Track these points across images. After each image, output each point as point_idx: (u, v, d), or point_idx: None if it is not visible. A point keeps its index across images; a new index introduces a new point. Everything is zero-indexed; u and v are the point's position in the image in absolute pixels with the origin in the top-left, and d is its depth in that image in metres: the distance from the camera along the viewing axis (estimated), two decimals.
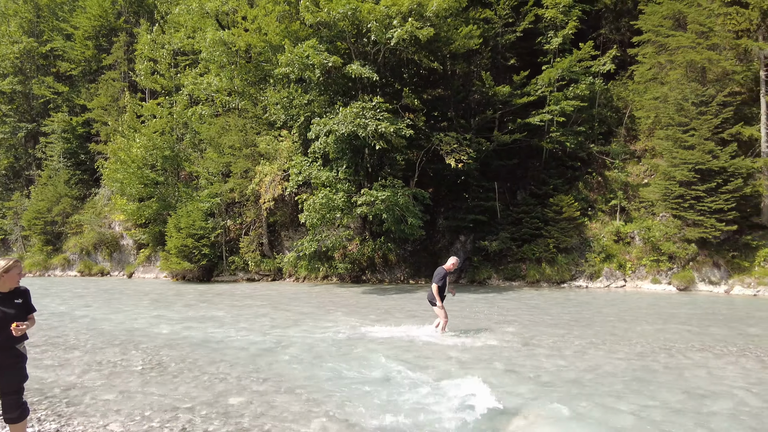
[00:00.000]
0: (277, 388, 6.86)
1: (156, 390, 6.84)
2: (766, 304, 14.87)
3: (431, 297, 10.24)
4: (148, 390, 6.84)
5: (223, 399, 6.44)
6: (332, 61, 19.54)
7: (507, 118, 23.71)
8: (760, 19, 18.47)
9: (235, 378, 7.42)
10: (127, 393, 6.72)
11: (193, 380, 7.31)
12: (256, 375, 7.57)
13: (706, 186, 17.72)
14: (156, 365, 8.20)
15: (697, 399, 6.17)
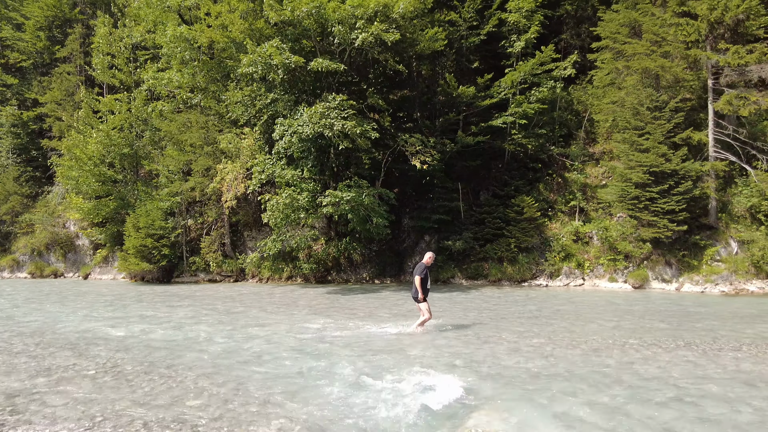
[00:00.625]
0: (237, 390, 6.76)
1: (110, 395, 6.62)
2: (712, 301, 15.60)
3: (415, 293, 10.30)
4: (101, 395, 6.61)
5: (180, 402, 6.30)
6: (294, 62, 19.29)
7: (471, 119, 24.05)
8: (707, 31, 19.36)
9: (192, 380, 7.26)
10: (78, 399, 6.48)
11: (149, 384, 7.12)
12: (216, 377, 7.43)
13: (660, 188, 18.45)
14: (110, 369, 7.94)
15: (645, 391, 6.41)
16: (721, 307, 14.16)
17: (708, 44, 19.59)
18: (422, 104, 24.79)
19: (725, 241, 18.90)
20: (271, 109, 22.48)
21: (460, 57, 25.23)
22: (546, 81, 23.48)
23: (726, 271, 18.06)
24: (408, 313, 13.69)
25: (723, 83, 19.30)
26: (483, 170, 24.78)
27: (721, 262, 18.48)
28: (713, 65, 19.44)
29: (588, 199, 22.61)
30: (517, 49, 23.82)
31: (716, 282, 17.91)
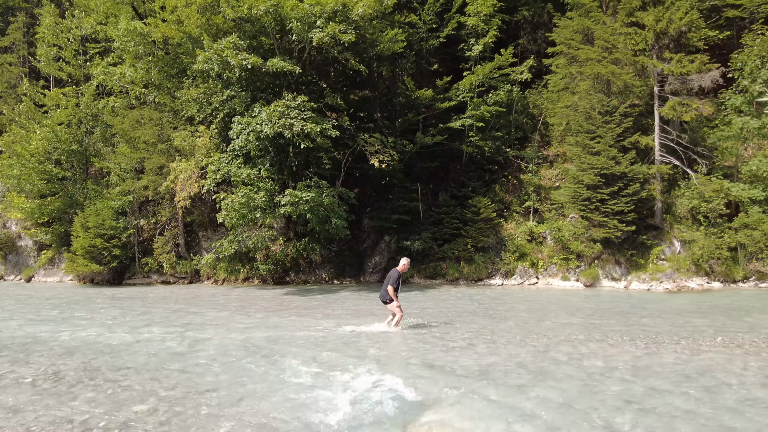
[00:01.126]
0: (187, 393, 6.58)
1: (49, 402, 6.32)
2: (657, 298, 16.33)
3: (384, 296, 10.57)
4: (41, 403, 6.30)
5: (126, 408, 6.08)
6: (251, 62, 18.94)
7: (430, 121, 24.33)
8: (654, 40, 20.29)
9: (140, 385, 7.03)
10: (14, 408, 6.15)
11: (94, 389, 6.83)
12: (165, 380, 7.22)
13: (610, 190, 19.17)
14: (51, 375, 7.57)
15: (592, 385, 6.65)
16: (664, 303, 14.83)
17: (654, 53, 20.53)
18: (382, 105, 24.89)
19: (669, 240, 19.83)
20: (227, 107, 22.04)
21: (419, 59, 25.48)
22: (503, 85, 24.01)
23: (670, 269, 18.94)
24: (366, 312, 13.69)
25: (668, 90, 20.26)
26: (442, 171, 25.10)
27: (665, 261, 19.38)
28: (659, 73, 20.38)
29: (542, 200, 23.25)
30: (475, 52, 24.24)
31: (661, 280, 18.76)
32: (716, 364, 7.57)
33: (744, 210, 18.88)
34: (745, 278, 18.46)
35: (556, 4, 26.41)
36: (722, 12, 24.74)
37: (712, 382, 6.68)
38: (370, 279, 23.61)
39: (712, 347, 8.74)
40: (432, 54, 25.75)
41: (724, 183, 19.17)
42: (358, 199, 23.09)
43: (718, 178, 19.65)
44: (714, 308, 13.54)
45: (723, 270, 18.49)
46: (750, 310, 12.99)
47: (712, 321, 11.50)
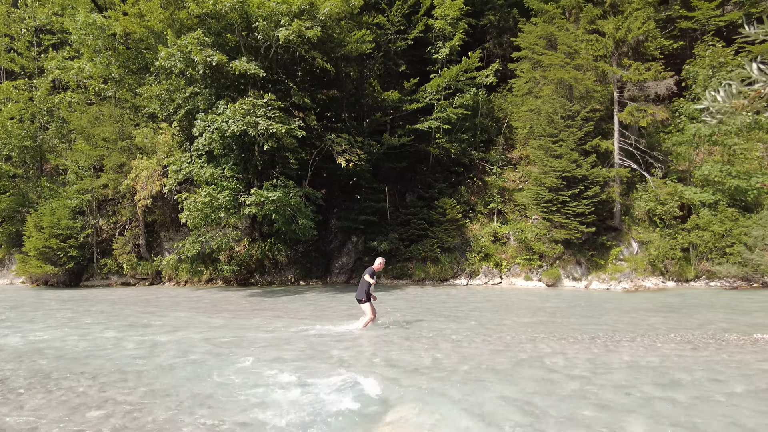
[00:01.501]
0: (145, 398, 6.40)
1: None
2: (615, 297, 16.86)
3: (359, 296, 10.72)
4: None
5: (80, 414, 5.86)
6: (216, 60, 18.57)
7: (398, 122, 24.44)
8: (614, 48, 20.97)
9: (96, 390, 6.79)
10: None
11: (45, 396, 6.56)
12: (123, 385, 7.00)
13: (571, 192, 19.69)
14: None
15: (553, 383, 6.80)
16: (622, 302, 15.33)
17: (614, 60, 21.21)
18: (350, 105, 24.85)
19: (628, 241, 20.51)
20: (190, 104, 21.55)
21: (387, 60, 25.57)
22: (469, 88, 24.34)
23: (628, 269, 19.60)
24: (333, 313, 13.64)
25: (626, 96, 20.96)
26: (409, 172, 25.25)
27: (624, 261, 20.03)
28: (618, 79, 21.07)
29: (506, 202, 23.68)
30: (442, 55, 24.49)
31: (620, 279, 19.38)
32: (669, 360, 7.87)
33: (696, 212, 19.71)
34: (696, 277, 19.26)
35: (521, 9, 26.97)
36: (676, 23, 25.80)
37: (665, 378, 6.94)
38: (337, 280, 23.51)
39: (666, 344, 9.08)
40: (400, 56, 25.88)
41: (678, 186, 19.97)
42: (325, 199, 22.97)
43: (672, 182, 20.45)
44: (668, 306, 14.08)
45: (676, 270, 19.25)
46: (700, 308, 13.56)
47: (666, 319, 11.95)
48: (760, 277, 18.22)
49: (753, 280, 18.23)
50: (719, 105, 2.27)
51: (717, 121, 2.34)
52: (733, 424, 5.29)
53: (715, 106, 2.29)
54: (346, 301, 16.65)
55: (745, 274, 18.17)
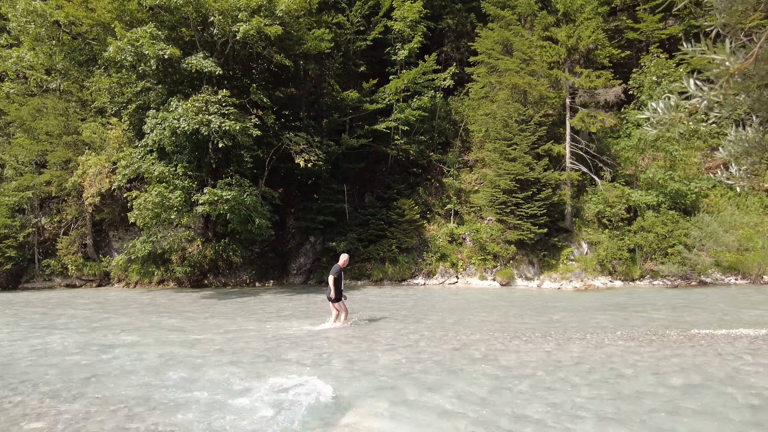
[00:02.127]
0: (90, 407, 6.12)
1: None
2: (566, 296, 17.46)
3: (329, 293, 11.00)
4: None
5: (16, 426, 5.54)
6: (169, 53, 17.96)
7: (357, 123, 24.43)
8: (566, 55, 21.73)
9: (37, 400, 6.44)
10: None
11: None
12: (66, 394, 6.67)
13: (524, 194, 20.24)
14: None
15: (507, 381, 6.98)
16: (573, 301, 15.89)
17: (566, 67, 21.96)
18: (309, 104, 24.63)
19: (578, 242, 21.28)
20: (141, 99, 20.78)
21: (347, 60, 25.52)
22: (427, 90, 24.62)
23: (578, 269, 20.33)
24: (289, 315, 13.48)
25: (578, 102, 21.76)
26: (368, 173, 25.29)
27: (574, 261, 20.77)
28: (570, 86, 21.83)
29: (462, 203, 24.10)
30: (401, 57, 24.67)
31: (570, 279, 20.08)
32: (616, 356, 8.22)
33: (641, 215, 20.68)
34: (641, 277, 20.20)
35: (478, 14, 27.52)
36: (624, 33, 26.99)
37: (612, 373, 7.24)
38: (295, 281, 23.25)
39: (613, 341, 9.48)
40: (359, 56, 25.89)
41: (626, 189, 20.88)
42: (282, 199, 22.66)
43: (620, 185, 21.37)
44: (615, 305, 14.70)
45: (623, 269, 20.13)
46: (644, 306, 14.23)
47: (613, 317, 12.48)
48: (697, 276, 19.32)
49: (691, 279, 19.30)
50: (659, 116, 2.41)
51: (657, 130, 2.51)
52: (672, 414, 5.59)
53: (656, 117, 2.43)
54: (303, 302, 16.50)
55: (685, 273, 19.21)
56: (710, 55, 2.17)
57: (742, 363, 7.70)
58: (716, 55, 2.16)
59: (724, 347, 8.76)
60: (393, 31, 25.15)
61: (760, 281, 19.36)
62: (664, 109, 2.33)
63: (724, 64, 2.14)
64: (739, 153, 2.53)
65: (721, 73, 2.16)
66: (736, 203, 21.87)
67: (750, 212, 21.46)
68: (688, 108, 2.26)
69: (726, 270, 19.73)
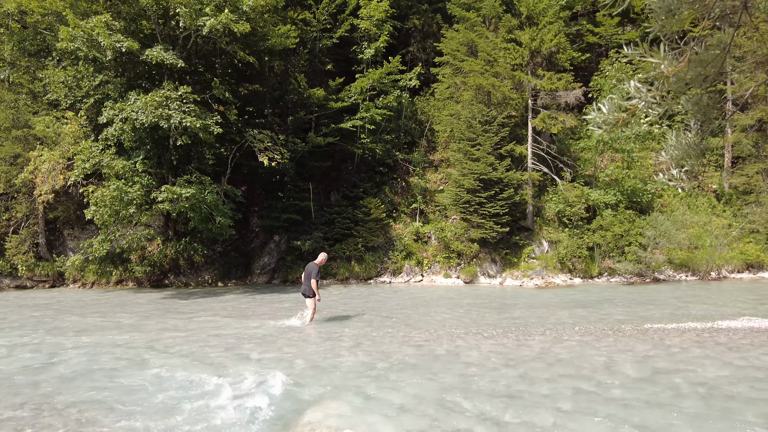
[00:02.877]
0: (40, 412, 5.87)
1: None
2: (527, 293, 17.86)
3: (306, 290, 11.16)
4: None
5: None
6: (126, 46, 17.33)
7: (322, 121, 24.28)
8: (529, 58, 22.19)
9: None
10: None
11: None
12: (12, 399, 6.37)
13: (487, 194, 20.58)
14: None
15: (468, 377, 7.08)
16: (533, 298, 16.26)
17: (529, 69, 22.43)
18: (273, 101, 24.32)
19: (539, 241, 21.79)
20: (99, 92, 20.05)
21: (313, 57, 25.33)
22: (393, 90, 24.71)
23: (539, 266, 20.82)
24: (252, 314, 13.28)
25: (540, 104, 22.26)
26: (334, 171, 25.18)
27: (535, 260, 21.25)
28: (533, 88, 22.31)
29: (427, 202, 24.32)
30: (367, 56, 24.67)
31: (531, 276, 20.54)
32: (574, 351, 8.46)
33: (600, 214, 21.34)
34: (599, 274, 20.86)
35: (444, 15, 27.79)
36: (584, 37, 27.77)
37: (569, 368, 7.45)
38: (258, 281, 22.94)
39: (571, 336, 9.75)
40: (325, 53, 25.74)
41: (585, 189, 21.51)
42: (246, 197, 22.31)
43: (579, 185, 22.00)
44: (574, 302, 15.13)
45: (583, 267, 20.73)
46: (602, 303, 14.71)
47: (572, 313, 12.84)
48: (651, 273, 20.09)
49: (646, 276, 20.06)
50: (604, 117, 2.50)
51: (602, 131, 2.63)
52: (626, 406, 5.80)
53: (601, 117, 2.53)
54: (267, 301, 16.30)
55: (640, 271, 19.95)
56: (648, 58, 2.27)
57: (690, 355, 8.05)
58: (653, 58, 2.26)
59: (673, 340, 9.14)
60: (359, 30, 25.13)
61: (708, 278, 20.30)
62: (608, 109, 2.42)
63: (660, 67, 2.24)
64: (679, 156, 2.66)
65: (658, 75, 2.26)
66: (687, 203, 22.86)
67: (699, 212, 22.48)
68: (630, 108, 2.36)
69: (677, 267, 20.60)
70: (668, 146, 2.74)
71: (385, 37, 24.72)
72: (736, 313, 12.08)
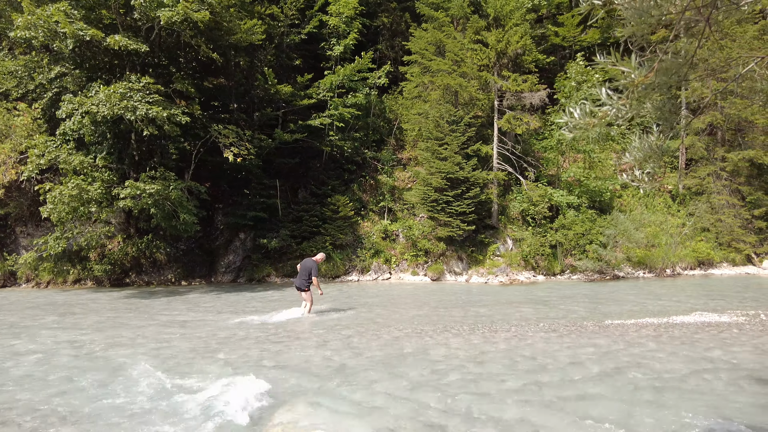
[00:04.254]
0: None
1: None
2: (493, 290, 18.20)
3: (302, 285, 11.97)
4: None
5: None
6: (90, 34, 16.68)
7: (290, 117, 24.03)
8: (496, 58, 22.57)
9: None
10: None
11: None
12: None
13: (454, 192, 20.84)
14: None
15: (436, 372, 7.18)
16: (499, 295, 16.58)
17: (496, 70, 22.81)
18: (239, 95, 23.89)
19: (504, 239, 22.22)
20: (56, 85, 19.24)
21: (280, 53, 25.01)
22: (362, 87, 24.67)
23: (504, 264, 21.23)
24: (215, 312, 13.05)
25: (505, 105, 22.68)
26: (302, 168, 24.97)
27: (500, 257, 21.67)
28: (499, 89, 22.70)
29: (396, 200, 24.43)
30: (336, 52, 24.55)
31: (496, 274, 20.93)
32: (538, 347, 8.68)
33: (562, 213, 21.93)
34: (562, 271, 21.44)
35: (413, 14, 27.92)
36: (548, 39, 28.40)
37: (534, 363, 7.65)
38: (223, 279, 22.53)
39: (536, 332, 10.00)
40: (293, 49, 25.47)
41: (548, 189, 22.06)
42: (210, 194, 21.85)
43: (543, 185, 22.54)
44: (538, 298, 15.51)
45: (546, 264, 21.27)
46: (564, 299, 15.14)
47: (536, 310, 13.16)
48: (611, 271, 20.79)
49: (606, 273, 20.74)
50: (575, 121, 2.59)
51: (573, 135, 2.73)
52: (588, 399, 6.00)
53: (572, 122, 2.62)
54: (232, 300, 16.05)
55: (600, 268, 20.62)
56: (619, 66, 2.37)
57: (646, 350, 8.39)
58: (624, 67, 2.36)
59: (632, 336, 9.50)
60: (328, 26, 24.97)
61: (664, 274, 21.17)
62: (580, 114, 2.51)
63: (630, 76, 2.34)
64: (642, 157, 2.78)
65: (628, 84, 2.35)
66: (645, 203, 23.76)
67: (656, 211, 23.40)
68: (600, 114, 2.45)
69: (636, 265, 21.39)
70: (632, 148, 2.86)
71: (354, 35, 24.66)
72: (689, 309, 12.65)
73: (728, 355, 8.06)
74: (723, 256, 22.20)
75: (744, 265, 22.31)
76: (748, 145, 22.93)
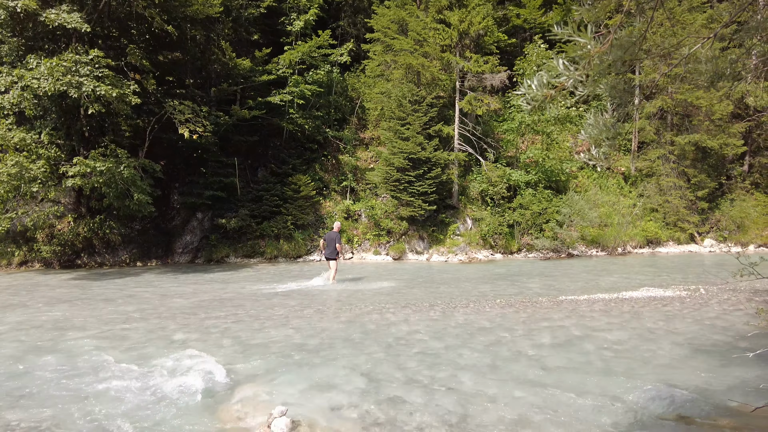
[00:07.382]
0: None
1: None
2: (452, 268, 18.53)
3: (330, 254, 13.56)
4: None
5: None
6: (22, 5, 15.53)
7: (249, 93, 23.39)
8: (458, 39, 22.57)
9: None
10: None
11: None
12: None
13: (416, 172, 20.94)
14: None
15: (397, 347, 7.30)
16: (458, 273, 16.91)
17: (458, 51, 22.83)
18: (195, 70, 23.04)
19: (463, 218, 22.59)
20: None
21: (238, 27, 24.19)
22: (323, 64, 24.25)
23: (463, 243, 21.62)
24: (175, 294, 12.77)
25: (467, 86, 22.80)
26: (261, 147, 24.46)
27: (460, 236, 22.04)
28: (461, 70, 22.77)
29: (358, 180, 24.35)
30: (296, 27, 23.99)
31: (456, 252, 21.30)
32: (495, 321, 8.94)
33: (520, 193, 22.43)
34: (519, 250, 22.02)
35: None
36: (510, 21, 28.63)
37: (491, 337, 7.88)
38: (181, 260, 22.00)
39: (493, 308, 10.28)
40: (252, 23, 24.67)
41: (507, 170, 22.47)
42: (165, 172, 21.14)
43: (502, 166, 22.94)
44: (495, 276, 15.91)
45: (503, 243, 21.79)
46: (521, 276, 15.59)
47: (494, 286, 13.52)
48: (566, 249, 21.51)
49: (561, 252, 21.45)
50: (533, 93, 2.65)
51: (531, 107, 2.81)
52: (544, 370, 6.25)
53: (530, 93, 2.67)
54: (190, 281, 15.71)
55: (556, 247, 21.29)
56: (576, 38, 2.42)
57: (598, 323, 8.79)
58: (580, 38, 2.41)
59: (584, 310, 9.91)
60: (288, 0, 24.30)
61: (615, 253, 22.09)
62: (537, 86, 2.56)
63: (587, 47, 2.40)
64: (596, 135, 2.87)
65: (584, 54, 2.41)
66: (599, 184, 24.58)
67: (609, 192, 24.27)
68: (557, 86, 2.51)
69: (589, 243, 22.21)
70: (587, 125, 2.95)
71: (315, 10, 24.12)
72: (637, 285, 13.28)
73: (671, 326, 8.54)
74: (669, 235, 23.31)
75: (688, 243, 23.52)
76: (694, 129, 23.97)
